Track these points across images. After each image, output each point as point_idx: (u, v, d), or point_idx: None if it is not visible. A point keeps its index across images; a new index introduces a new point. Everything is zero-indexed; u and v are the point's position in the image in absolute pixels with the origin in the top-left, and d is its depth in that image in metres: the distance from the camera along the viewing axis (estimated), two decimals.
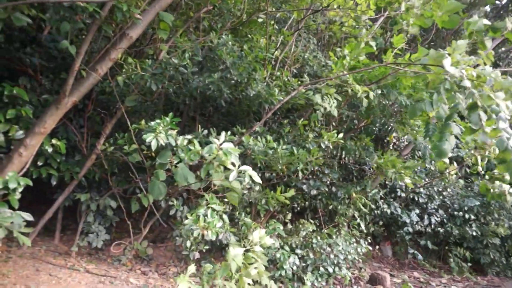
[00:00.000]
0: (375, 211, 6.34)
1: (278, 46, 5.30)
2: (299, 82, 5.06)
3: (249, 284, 3.75)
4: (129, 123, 4.04)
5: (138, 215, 5.04)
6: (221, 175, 3.58)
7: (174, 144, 3.40)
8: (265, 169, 4.73)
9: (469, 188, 7.31)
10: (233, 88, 4.64)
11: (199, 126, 4.47)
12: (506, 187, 5.80)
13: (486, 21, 3.43)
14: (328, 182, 5.34)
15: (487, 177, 5.97)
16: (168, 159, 3.53)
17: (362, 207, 5.47)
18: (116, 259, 4.60)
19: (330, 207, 5.66)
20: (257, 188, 4.77)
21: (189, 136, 3.55)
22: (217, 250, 5.08)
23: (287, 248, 4.49)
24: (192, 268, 3.67)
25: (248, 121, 5.09)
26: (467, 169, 7.03)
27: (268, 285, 3.88)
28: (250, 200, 4.71)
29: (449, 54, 3.43)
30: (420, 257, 6.51)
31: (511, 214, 7.54)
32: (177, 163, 3.65)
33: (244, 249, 3.72)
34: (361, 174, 6.29)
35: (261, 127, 4.65)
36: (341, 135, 4.85)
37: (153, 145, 3.26)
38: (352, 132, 5.83)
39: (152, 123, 3.56)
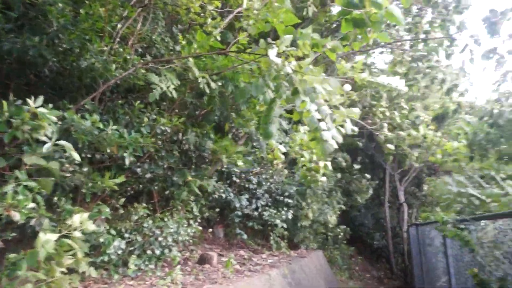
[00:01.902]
0: (212, 196, 6.71)
1: (121, 20, 4.96)
2: (142, 61, 4.88)
3: (63, 272, 3.44)
4: None
5: None
6: (34, 150, 3.15)
7: None
8: (95, 150, 4.38)
9: (291, 177, 8.56)
10: (61, 56, 4.10)
11: (12, 94, 3.77)
12: (318, 176, 7.24)
13: (315, 35, 3.96)
14: (165, 166, 5.36)
15: (305, 167, 7.25)
16: None
17: (197, 191, 5.70)
18: None
19: (167, 191, 5.70)
20: (85, 169, 4.38)
21: None
22: (30, 239, 4.43)
23: (113, 232, 4.28)
24: None
25: (80, 96, 4.60)
26: (292, 161, 8.19)
27: (87, 272, 3.64)
28: (75, 183, 4.29)
29: (277, 46, 3.86)
30: (245, 236, 7.24)
31: (321, 200, 9.27)
32: None
33: (59, 234, 3.39)
34: (201, 160, 6.54)
35: (92, 104, 4.28)
36: (182, 119, 4.92)
37: None
38: (194, 119, 6.00)
39: None
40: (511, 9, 5.74)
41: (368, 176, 12.55)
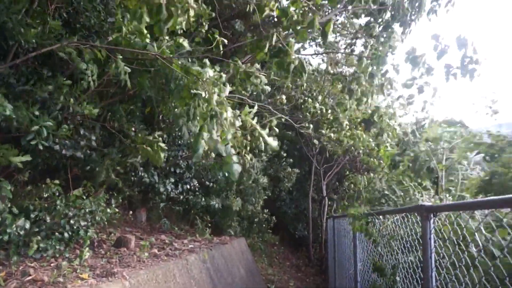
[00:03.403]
0: (134, 178, 6.48)
1: None
2: (62, 28, 4.48)
3: None
4: None
5: None
6: None
7: None
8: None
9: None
10: None
11: None
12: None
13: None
14: (84, 144, 5.04)
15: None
16: None
17: (120, 169, 5.47)
18: None
19: (87, 168, 5.38)
20: None
21: None
22: None
23: (16, 210, 3.93)
24: None
25: None
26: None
27: None
28: None
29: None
30: (166, 222, 7.15)
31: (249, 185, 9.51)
32: None
33: None
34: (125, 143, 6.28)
35: (5, 67, 3.85)
36: (95, 110, 4.60)
37: None
38: (120, 99, 5.71)
39: None
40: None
41: (294, 169, 13.10)
